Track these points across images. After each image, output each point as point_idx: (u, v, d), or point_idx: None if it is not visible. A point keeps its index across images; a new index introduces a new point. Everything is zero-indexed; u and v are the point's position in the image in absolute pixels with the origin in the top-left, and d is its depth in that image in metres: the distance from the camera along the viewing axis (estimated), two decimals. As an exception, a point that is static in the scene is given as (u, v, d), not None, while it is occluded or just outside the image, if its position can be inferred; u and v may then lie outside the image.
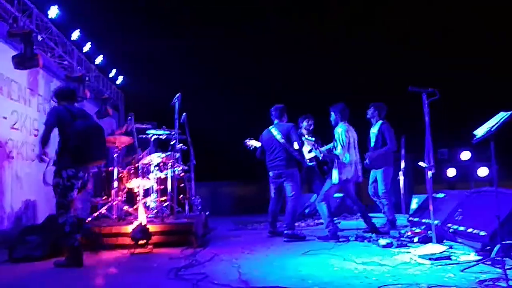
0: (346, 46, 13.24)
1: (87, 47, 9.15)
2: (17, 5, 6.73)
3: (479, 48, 12.26)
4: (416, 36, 13.08)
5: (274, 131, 6.01)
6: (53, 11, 7.39)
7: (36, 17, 7.27)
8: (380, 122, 6.24)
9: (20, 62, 6.55)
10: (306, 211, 8.77)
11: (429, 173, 4.48)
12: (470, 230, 4.35)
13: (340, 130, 5.61)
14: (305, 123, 7.17)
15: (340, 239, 5.29)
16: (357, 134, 5.88)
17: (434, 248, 4.12)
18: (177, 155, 6.78)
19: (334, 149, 5.68)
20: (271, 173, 6.05)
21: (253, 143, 6.35)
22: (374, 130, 6.27)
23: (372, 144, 6.26)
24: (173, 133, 6.54)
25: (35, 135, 7.65)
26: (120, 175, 6.37)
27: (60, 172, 4.29)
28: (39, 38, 7.16)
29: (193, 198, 7.38)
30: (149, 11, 12.59)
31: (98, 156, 4.51)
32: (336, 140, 5.64)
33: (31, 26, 6.97)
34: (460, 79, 11.82)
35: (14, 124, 6.99)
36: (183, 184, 7.55)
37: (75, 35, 8.58)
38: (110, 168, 6.54)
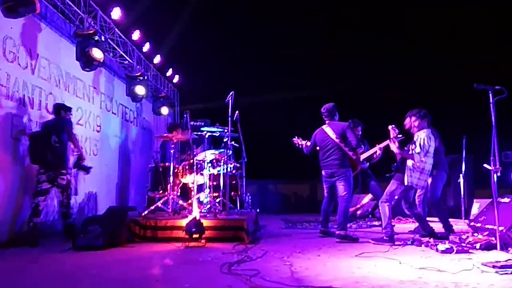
0: (406, 42, 12.82)
1: (146, 47, 9.50)
2: (83, 6, 7.12)
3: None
4: (479, 34, 12.42)
5: (328, 130, 5.93)
6: (116, 13, 7.73)
7: (100, 18, 7.66)
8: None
9: (87, 65, 6.91)
10: (358, 212, 8.60)
11: (494, 176, 4.22)
12: (539, 238, 4.05)
13: (423, 135, 5.38)
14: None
15: (396, 243, 5.12)
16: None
17: (498, 255, 3.88)
18: (230, 152, 6.88)
19: (410, 150, 5.45)
20: (323, 172, 5.99)
21: (300, 141, 6.29)
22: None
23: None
24: (226, 130, 6.64)
25: (98, 131, 8.07)
26: (175, 170, 6.57)
27: None
28: (102, 38, 7.52)
29: (244, 195, 7.47)
30: (203, 12, 12.87)
31: (35, 161, 5.56)
32: (414, 143, 5.41)
33: (96, 27, 7.35)
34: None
35: (79, 120, 7.41)
36: (234, 181, 7.65)
37: (136, 35, 8.93)
38: (166, 164, 6.76)
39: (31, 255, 4.59)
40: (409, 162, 5.40)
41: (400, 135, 5.54)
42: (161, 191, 6.68)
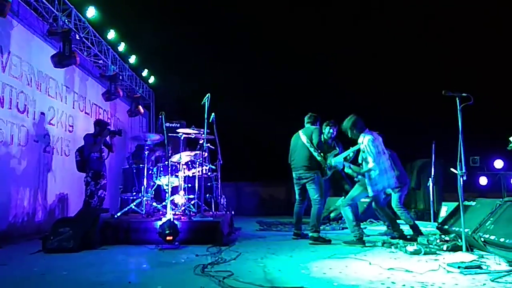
0: (376, 47, 13.09)
1: (121, 47, 9.39)
2: (58, 4, 7.00)
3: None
4: (451, 39, 12.80)
5: (301, 134, 6.05)
6: (91, 12, 7.63)
7: (74, 17, 7.54)
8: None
9: (59, 61, 6.81)
10: (332, 215, 8.72)
11: (461, 180, 4.38)
12: (502, 239, 4.23)
13: (366, 141, 5.29)
14: (327, 130, 7.10)
15: (367, 244, 5.24)
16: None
17: (463, 256, 4.03)
18: (205, 154, 6.88)
19: (364, 162, 5.46)
20: (293, 174, 6.08)
21: None
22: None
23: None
24: (202, 132, 6.63)
25: (70, 131, 7.92)
26: (149, 172, 6.51)
27: None
28: (77, 37, 7.41)
29: (219, 197, 7.47)
30: (180, 13, 12.83)
31: None
32: (364, 152, 5.34)
33: (70, 26, 7.23)
34: (494, 84, 11.50)
35: (51, 120, 7.26)
36: (210, 183, 7.64)
37: (111, 35, 8.82)
38: (140, 165, 6.70)
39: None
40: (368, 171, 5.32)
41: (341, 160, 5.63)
42: (134, 193, 6.62)
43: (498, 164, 9.33)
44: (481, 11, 12.13)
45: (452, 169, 4.48)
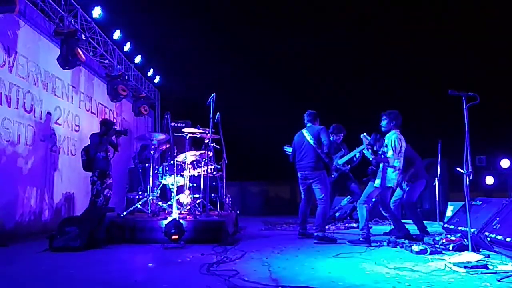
0: (382, 47, 13.05)
1: (127, 47, 9.43)
2: (64, 5, 7.04)
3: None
4: (456, 39, 12.73)
5: (305, 133, 6.05)
6: (97, 12, 7.67)
7: (80, 17, 7.58)
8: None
9: (65, 63, 6.83)
10: (337, 214, 8.72)
11: (467, 180, 4.36)
12: (508, 239, 4.21)
13: (393, 136, 5.49)
14: (333, 138, 7.09)
15: (372, 244, 5.23)
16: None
17: (470, 256, 4.01)
18: (210, 154, 6.89)
19: (383, 154, 5.54)
20: (299, 174, 6.08)
21: (289, 149, 6.41)
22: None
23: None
24: (207, 132, 6.64)
25: (76, 131, 7.97)
26: (155, 171, 6.54)
27: None
28: (83, 37, 7.45)
29: (224, 196, 7.48)
30: (185, 13, 12.86)
31: None
32: (386, 146, 5.50)
33: (76, 26, 7.27)
34: (501, 84, 11.43)
35: (57, 119, 7.31)
36: (215, 183, 7.66)
37: (116, 35, 8.86)
38: (146, 165, 6.73)
39: (6, 256, 4.51)
40: (381, 165, 5.51)
41: (369, 138, 5.64)
42: (140, 192, 6.65)
43: (505, 163, 9.27)
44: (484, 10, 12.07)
45: (458, 169, 4.46)
